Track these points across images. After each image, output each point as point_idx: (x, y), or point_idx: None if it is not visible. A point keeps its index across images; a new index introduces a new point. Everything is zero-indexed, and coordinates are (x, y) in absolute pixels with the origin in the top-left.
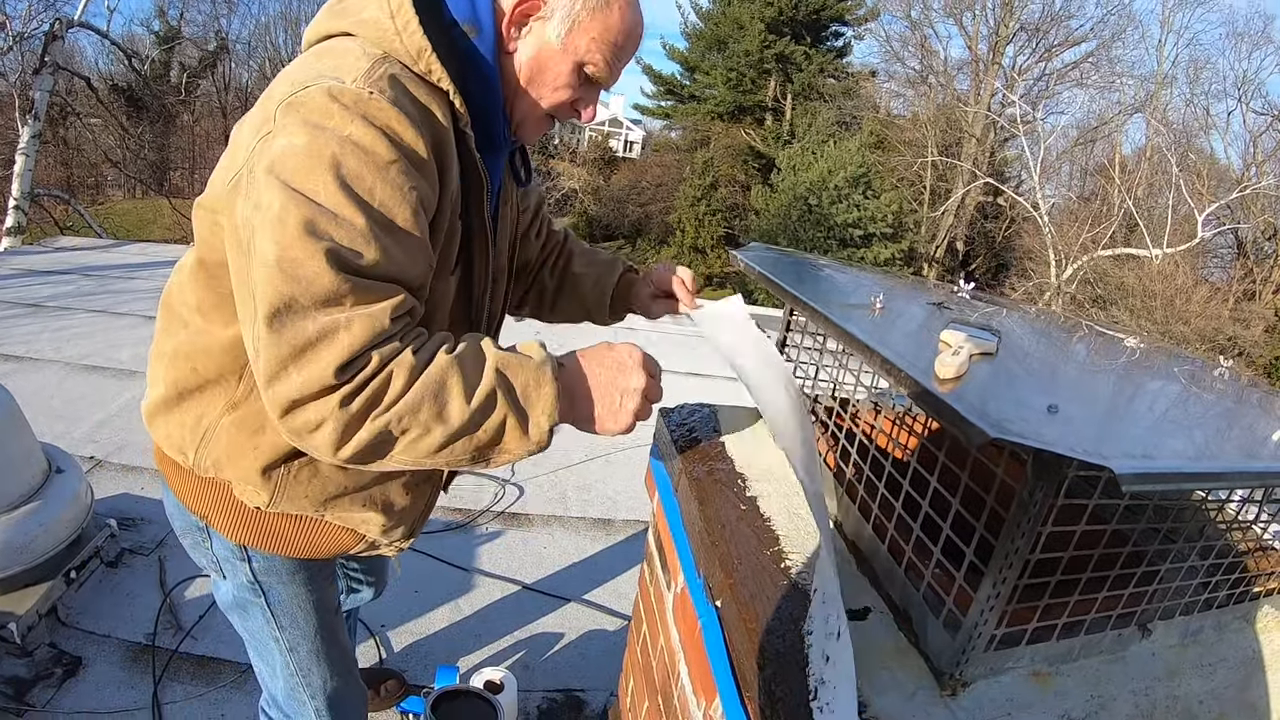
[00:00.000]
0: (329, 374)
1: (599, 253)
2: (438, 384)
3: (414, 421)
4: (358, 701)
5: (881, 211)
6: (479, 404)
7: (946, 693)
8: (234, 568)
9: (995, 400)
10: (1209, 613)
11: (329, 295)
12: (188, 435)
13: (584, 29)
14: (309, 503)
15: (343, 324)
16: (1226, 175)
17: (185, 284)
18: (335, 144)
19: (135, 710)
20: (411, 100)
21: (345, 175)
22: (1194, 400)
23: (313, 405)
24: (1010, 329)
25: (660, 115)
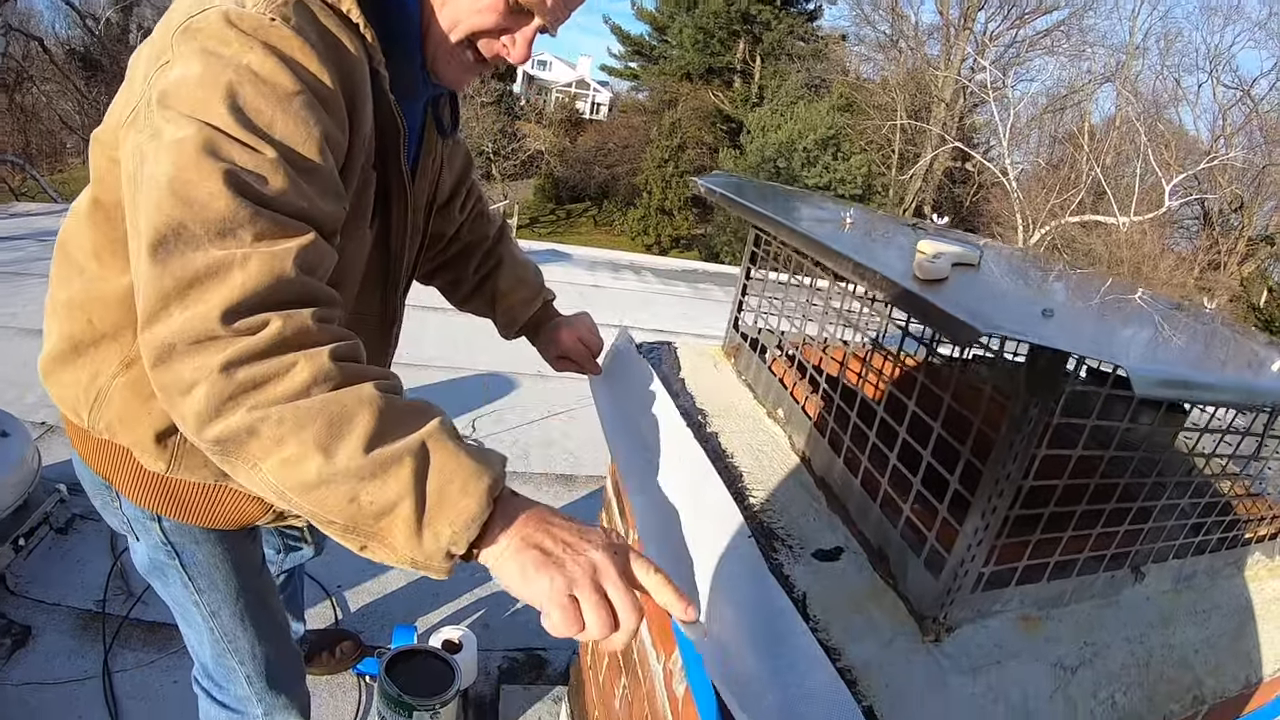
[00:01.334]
0: (214, 316)
1: (526, 270)
2: (342, 412)
3: (294, 438)
4: (291, 666)
5: (851, 174)
6: (377, 462)
7: (929, 638)
8: (145, 528)
9: (983, 302)
10: (1201, 558)
11: (224, 222)
12: (81, 395)
13: None
14: (209, 472)
15: (238, 260)
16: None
17: (81, 227)
18: (232, 72)
19: (86, 680)
20: (318, 30)
21: (243, 104)
22: (1187, 327)
23: (190, 357)
24: (985, 250)
25: (628, 76)
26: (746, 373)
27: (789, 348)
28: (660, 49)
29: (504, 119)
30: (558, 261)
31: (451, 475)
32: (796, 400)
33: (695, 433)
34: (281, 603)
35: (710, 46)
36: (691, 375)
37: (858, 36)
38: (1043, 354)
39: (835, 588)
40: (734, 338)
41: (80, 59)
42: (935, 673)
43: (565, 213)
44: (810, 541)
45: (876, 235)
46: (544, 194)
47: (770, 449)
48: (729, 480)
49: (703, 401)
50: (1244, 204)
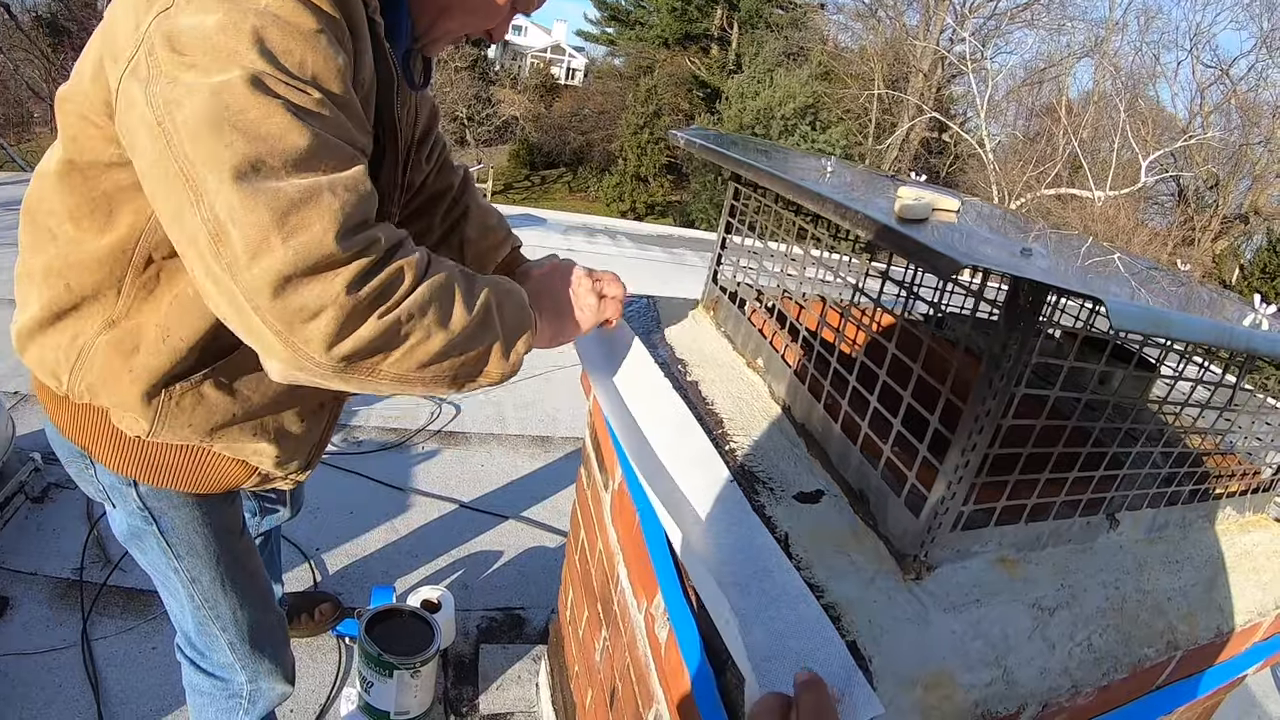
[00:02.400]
0: (328, 241)
1: (492, 219)
2: (444, 288)
3: (419, 324)
4: (275, 630)
5: (831, 144)
6: (479, 315)
7: (910, 577)
8: (121, 494)
9: (962, 241)
10: (1174, 509)
11: (301, 152)
12: (61, 357)
13: None
14: (193, 432)
15: (326, 185)
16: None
17: (53, 191)
18: (254, 17)
19: (65, 649)
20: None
21: (273, 48)
22: (1165, 285)
23: (312, 284)
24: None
25: (604, 42)
26: (725, 324)
27: (769, 299)
28: (637, 14)
29: (479, 84)
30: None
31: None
32: (776, 349)
33: (675, 381)
34: (263, 566)
35: (688, 13)
36: (671, 327)
37: (836, 5)
38: (1023, 289)
39: (817, 528)
40: (713, 291)
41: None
42: (917, 610)
43: (540, 179)
44: (791, 485)
45: (857, 184)
46: (519, 160)
47: (750, 397)
48: (710, 427)
49: (682, 352)
50: (1219, 182)
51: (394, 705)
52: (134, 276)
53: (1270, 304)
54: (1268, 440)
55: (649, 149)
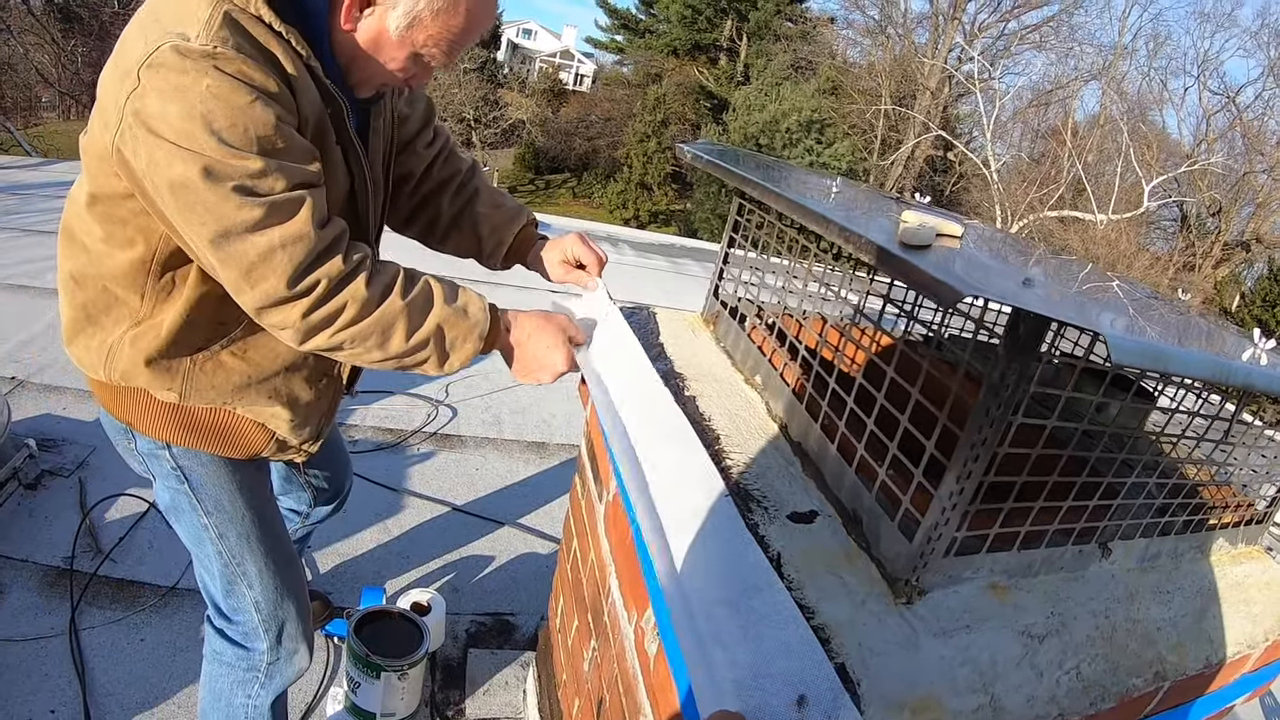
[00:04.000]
0: (281, 289)
1: (504, 197)
2: (387, 324)
3: (361, 345)
4: (299, 594)
5: (836, 159)
6: (415, 344)
7: (901, 600)
8: (157, 460)
9: (965, 269)
10: (1167, 539)
11: (251, 221)
12: (96, 356)
13: (424, 27)
14: (216, 394)
15: (277, 244)
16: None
17: (84, 217)
18: (199, 101)
19: (53, 637)
20: (252, 42)
21: (220, 129)
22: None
23: (275, 314)
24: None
25: (613, 49)
26: (725, 340)
27: (769, 316)
28: (647, 23)
29: (486, 86)
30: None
31: (458, 334)
32: (774, 367)
33: (674, 395)
34: (288, 534)
35: (698, 23)
36: (670, 340)
37: (846, 20)
38: (1024, 319)
39: (809, 549)
40: (714, 305)
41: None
42: (907, 634)
43: (544, 183)
44: (785, 504)
45: (861, 205)
46: (524, 163)
47: (747, 414)
48: (707, 442)
49: (681, 366)
50: (1222, 209)
51: (380, 707)
52: (153, 284)
53: (1270, 338)
54: (1262, 472)
55: (655, 157)
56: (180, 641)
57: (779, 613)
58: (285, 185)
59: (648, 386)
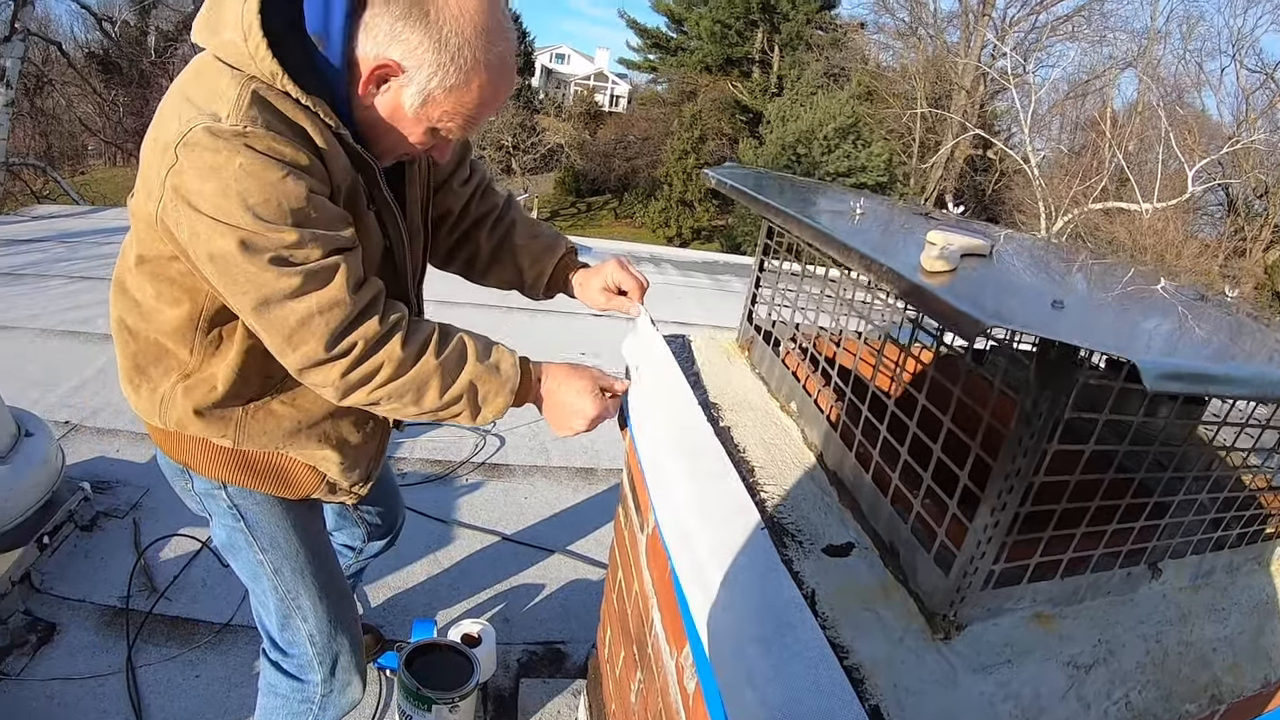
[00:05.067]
0: (320, 352)
1: (542, 227)
2: (421, 382)
3: (397, 401)
4: (352, 627)
5: (873, 161)
6: (449, 400)
7: (939, 636)
8: (214, 499)
9: (991, 294)
10: (1221, 554)
11: (290, 289)
12: (150, 406)
13: (438, 103)
14: (268, 440)
15: (315, 311)
16: (1218, 132)
17: (135, 276)
18: (233, 179)
19: (110, 675)
20: (280, 117)
21: (254, 205)
22: (1208, 317)
23: (314, 374)
24: (1003, 241)
25: (646, 69)
26: (760, 366)
27: (802, 341)
28: (678, 40)
29: (523, 113)
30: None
31: (489, 390)
32: (809, 394)
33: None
34: (342, 570)
35: (728, 37)
36: (705, 368)
37: (877, 24)
38: (1052, 347)
39: (845, 584)
40: (748, 330)
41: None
42: (945, 671)
43: (586, 205)
44: (821, 537)
45: (888, 226)
46: (564, 187)
47: (782, 443)
48: (742, 474)
49: (716, 395)
50: (1269, 190)
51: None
52: (201, 339)
53: None
54: None
55: (694, 174)
56: (235, 677)
57: (810, 652)
58: (320, 253)
59: (686, 417)
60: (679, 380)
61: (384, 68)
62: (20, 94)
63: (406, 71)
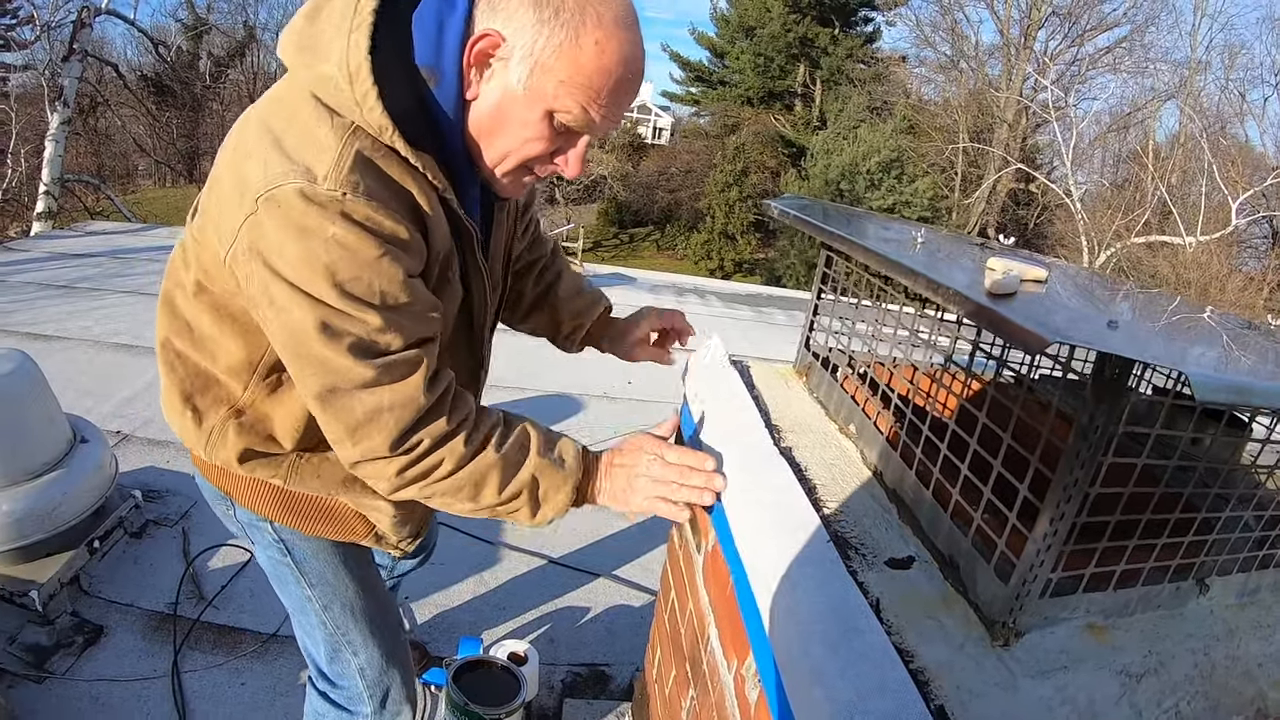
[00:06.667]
0: (384, 450)
1: (582, 280)
2: (480, 476)
3: (452, 496)
4: (404, 659)
5: (917, 196)
6: (507, 496)
7: (998, 643)
8: (258, 530)
9: (1051, 315)
10: (1267, 572)
11: (363, 380)
12: (194, 438)
13: (549, 70)
14: (321, 485)
15: (386, 407)
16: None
17: (190, 300)
18: (323, 249)
19: (155, 679)
20: (385, 182)
21: (343, 281)
22: (1258, 341)
23: (372, 468)
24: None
25: (689, 101)
26: (818, 390)
27: (860, 366)
28: (721, 74)
29: None
30: (621, 284)
31: (550, 484)
32: (868, 416)
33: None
34: (393, 599)
35: (770, 71)
36: (765, 392)
37: (918, 58)
38: (1109, 362)
39: (907, 594)
40: (805, 357)
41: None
42: (1005, 676)
43: (629, 236)
44: (883, 551)
45: (945, 254)
46: (607, 218)
47: (843, 463)
48: (805, 492)
49: (776, 418)
50: None
51: None
52: (258, 380)
53: None
54: None
55: (736, 206)
56: (280, 686)
57: (876, 654)
58: (402, 343)
59: (751, 438)
60: (746, 402)
61: (484, 38)
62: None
63: (508, 40)
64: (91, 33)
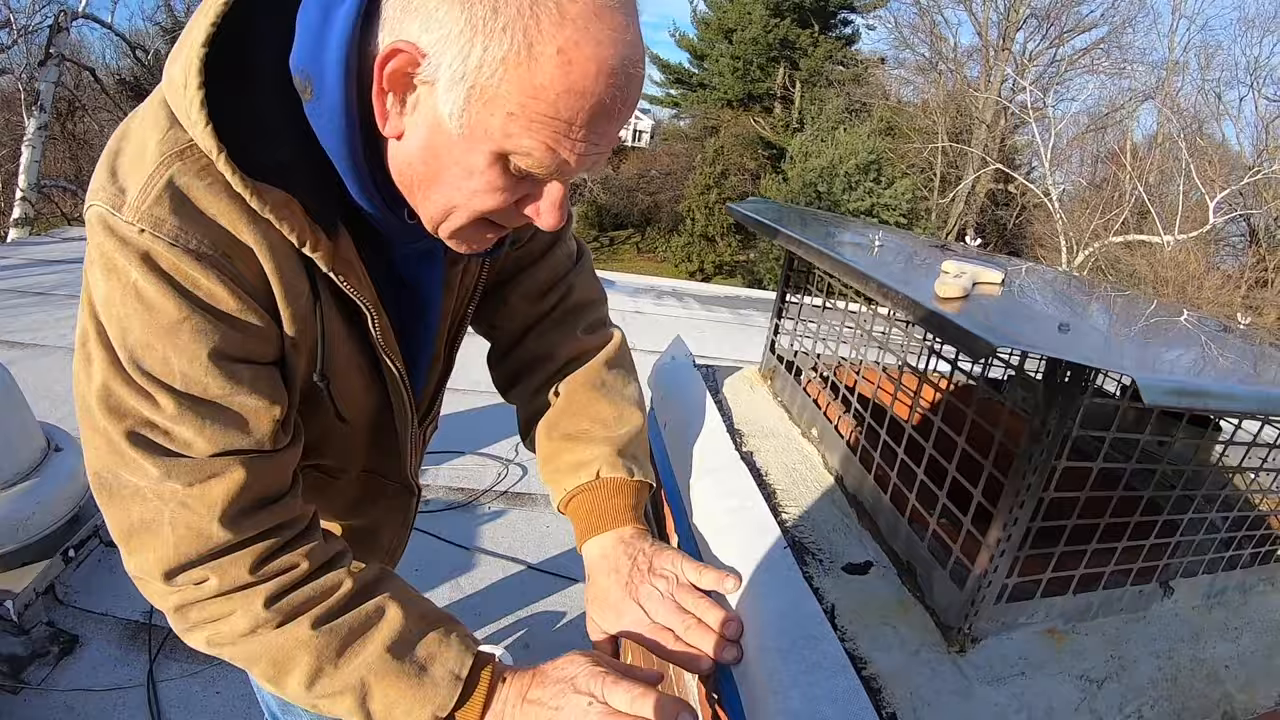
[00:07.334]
0: (156, 572)
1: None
2: (281, 654)
3: (248, 666)
4: None
5: (895, 199)
6: (321, 694)
7: (954, 649)
8: None
9: (1001, 319)
10: (1233, 574)
11: (145, 477)
12: None
13: (492, 99)
14: None
15: (166, 518)
16: (1238, 162)
17: None
18: (120, 296)
19: (131, 687)
20: (204, 226)
21: (133, 345)
22: (1219, 341)
23: (148, 590)
24: (1019, 271)
25: (668, 104)
26: (782, 394)
27: (823, 370)
28: (700, 76)
29: None
30: None
31: (392, 704)
32: (829, 420)
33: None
34: None
35: (749, 74)
36: (729, 396)
37: (897, 60)
38: (1059, 366)
39: (864, 600)
40: (770, 361)
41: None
42: (960, 683)
43: (609, 240)
44: (840, 556)
45: (905, 258)
46: (587, 221)
47: (804, 467)
48: (765, 496)
49: (740, 421)
50: None
51: None
52: None
53: None
54: None
55: (716, 209)
56: (255, 694)
57: (829, 662)
58: (206, 447)
59: (712, 442)
60: (709, 406)
61: (395, 54)
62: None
63: (429, 54)
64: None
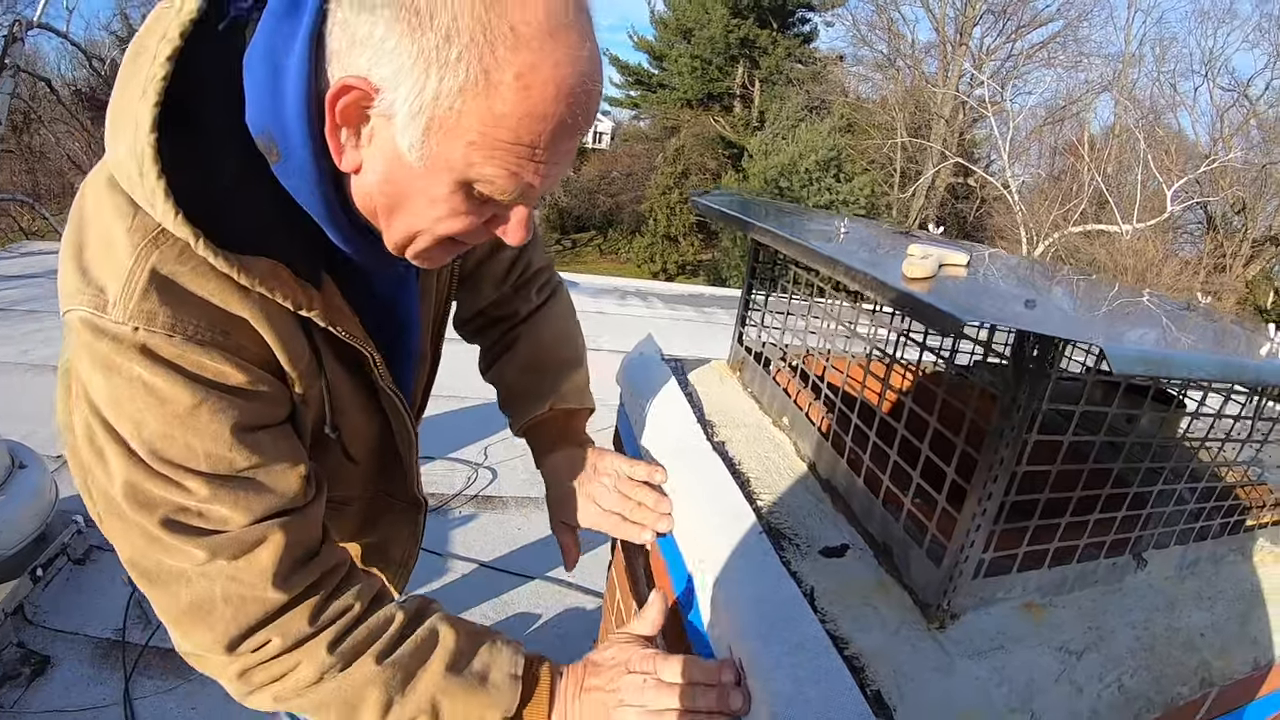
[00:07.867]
0: (219, 649)
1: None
2: (352, 694)
3: (324, 713)
4: None
5: (854, 195)
6: None
7: (934, 626)
8: None
9: (967, 297)
10: (1204, 544)
11: (190, 562)
12: None
13: (451, 131)
14: None
15: (219, 598)
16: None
17: None
18: (127, 392)
19: (106, 707)
20: (199, 310)
21: (151, 439)
22: (1180, 319)
23: (208, 665)
24: (982, 258)
25: (628, 105)
26: (751, 385)
27: (792, 359)
28: (660, 77)
29: None
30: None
31: (465, 714)
32: (800, 408)
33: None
34: None
35: (709, 73)
36: (699, 389)
37: (855, 57)
38: (1027, 340)
39: (842, 582)
40: (738, 352)
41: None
42: (941, 658)
43: (571, 242)
44: (817, 540)
45: (870, 243)
46: (549, 224)
47: (776, 455)
48: (738, 485)
49: (710, 412)
50: (1246, 205)
51: None
52: None
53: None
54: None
55: (678, 209)
56: (233, 709)
57: (811, 643)
58: (244, 519)
59: (684, 434)
60: (679, 398)
61: (346, 91)
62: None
63: (382, 89)
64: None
